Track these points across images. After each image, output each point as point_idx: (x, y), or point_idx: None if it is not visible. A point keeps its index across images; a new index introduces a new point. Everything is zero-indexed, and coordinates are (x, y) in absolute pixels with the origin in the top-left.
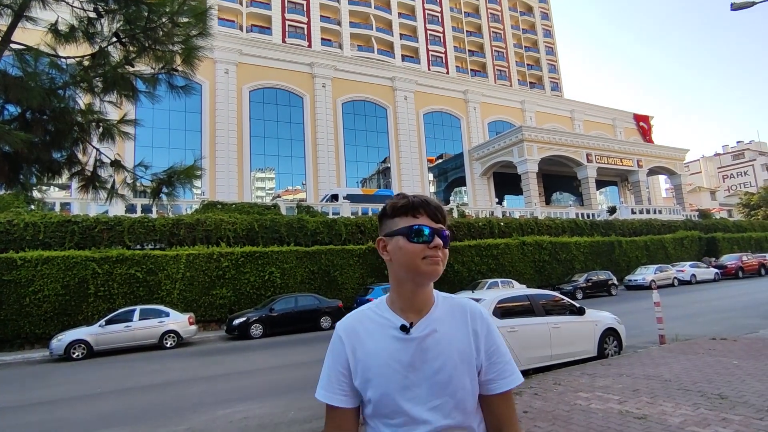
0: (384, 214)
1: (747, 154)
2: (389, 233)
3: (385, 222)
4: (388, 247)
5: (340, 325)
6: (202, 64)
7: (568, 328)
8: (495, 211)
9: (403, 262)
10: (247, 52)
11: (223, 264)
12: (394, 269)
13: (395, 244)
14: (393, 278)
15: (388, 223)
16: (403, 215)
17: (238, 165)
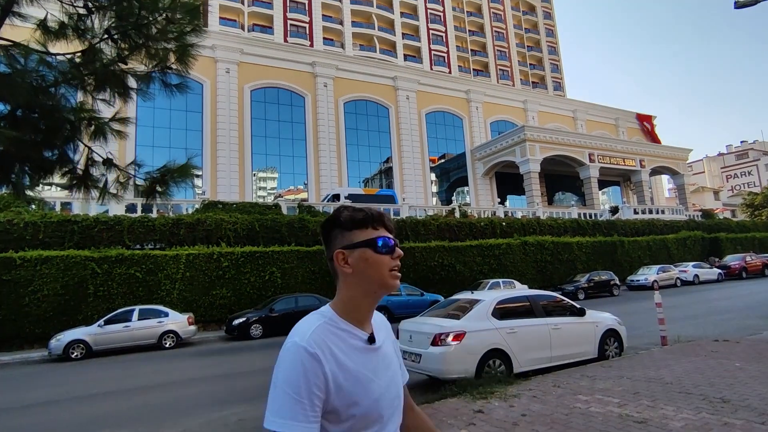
0: (337, 225)
1: (751, 154)
2: (350, 245)
3: (339, 234)
4: (350, 260)
5: (310, 341)
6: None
7: (569, 330)
8: (497, 211)
9: (370, 274)
10: (249, 51)
11: (224, 264)
12: (355, 281)
13: (359, 256)
14: (353, 290)
15: (346, 235)
16: (363, 228)
17: (240, 164)
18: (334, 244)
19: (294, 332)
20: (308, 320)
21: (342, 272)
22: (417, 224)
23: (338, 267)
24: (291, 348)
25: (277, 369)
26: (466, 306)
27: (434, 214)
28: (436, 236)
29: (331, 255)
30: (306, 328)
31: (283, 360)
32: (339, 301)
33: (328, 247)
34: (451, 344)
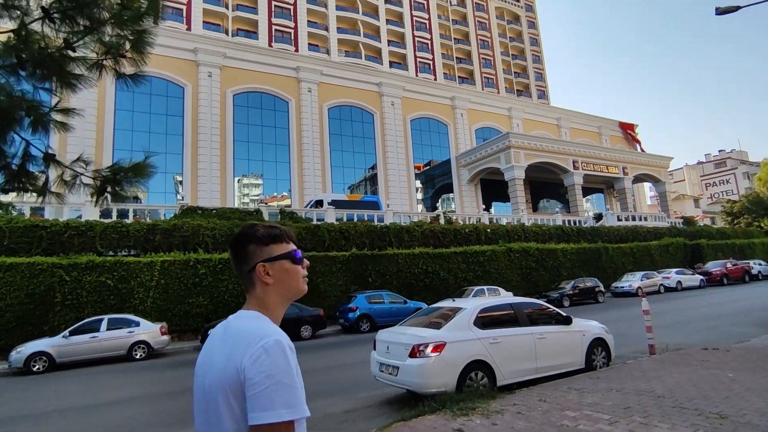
0: (253, 241)
1: (729, 163)
2: (271, 258)
3: (257, 249)
4: (270, 271)
5: (287, 341)
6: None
7: (555, 339)
8: (482, 217)
9: (289, 283)
10: (231, 55)
11: (200, 271)
12: (274, 290)
13: (280, 268)
14: (274, 298)
15: (264, 250)
16: (279, 242)
17: (221, 170)
18: (252, 257)
19: (267, 332)
20: (266, 323)
21: (262, 283)
22: (401, 231)
23: (260, 278)
24: (276, 345)
25: (269, 366)
26: (447, 315)
27: (419, 220)
28: (420, 243)
29: (250, 267)
30: (273, 328)
31: (272, 356)
32: (265, 308)
33: (243, 261)
34: (431, 356)
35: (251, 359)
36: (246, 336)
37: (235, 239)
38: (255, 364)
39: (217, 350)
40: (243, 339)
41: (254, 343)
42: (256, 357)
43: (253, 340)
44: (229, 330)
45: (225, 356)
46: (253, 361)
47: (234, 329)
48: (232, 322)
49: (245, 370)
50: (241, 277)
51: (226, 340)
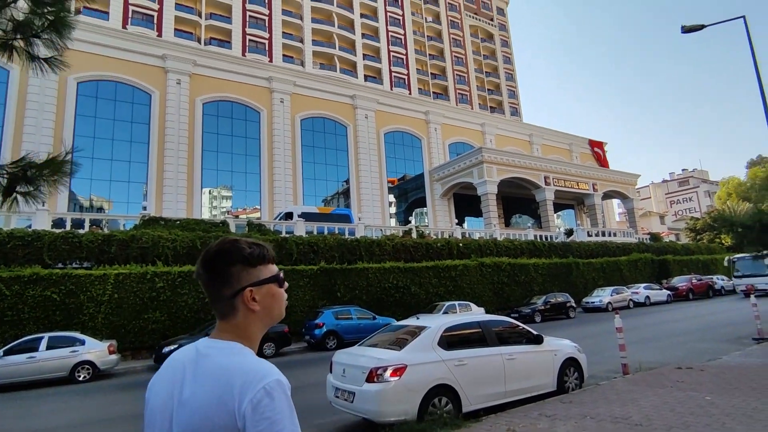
0: (240, 261)
1: (691, 182)
2: (259, 282)
3: (243, 271)
4: (258, 297)
5: (286, 381)
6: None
7: (525, 360)
8: (455, 232)
9: (275, 309)
10: (202, 63)
11: (158, 285)
12: (258, 318)
13: (267, 292)
14: (256, 327)
15: (252, 272)
16: (265, 264)
17: (188, 180)
18: (238, 280)
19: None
20: (256, 358)
21: (248, 309)
22: (371, 244)
23: (246, 304)
24: (278, 387)
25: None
26: (409, 334)
27: (391, 234)
28: (391, 257)
29: (234, 292)
30: (269, 365)
31: (276, 400)
32: (245, 338)
33: (225, 284)
34: (390, 380)
35: (252, 404)
36: (240, 374)
37: (213, 257)
38: (257, 409)
39: (192, 388)
40: (237, 377)
41: (253, 384)
42: (257, 401)
43: (251, 380)
44: (210, 365)
45: (213, 396)
46: (254, 406)
47: (218, 364)
48: (210, 353)
49: (246, 417)
50: (217, 302)
51: (206, 376)
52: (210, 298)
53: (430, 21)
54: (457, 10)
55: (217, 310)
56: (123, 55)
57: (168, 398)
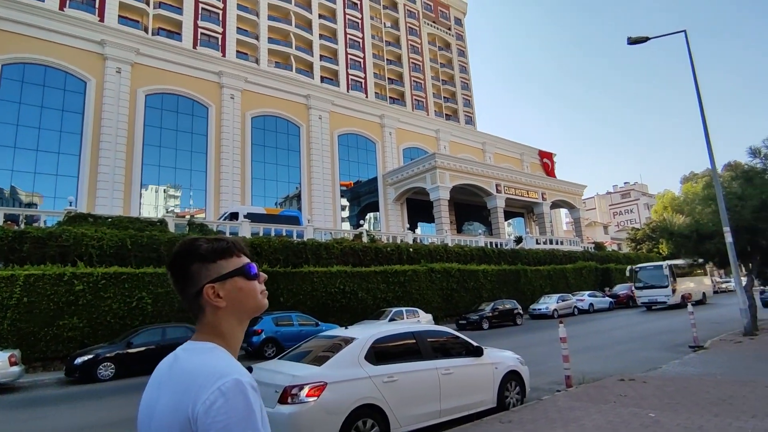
0: (197, 259)
1: (632, 194)
2: (221, 277)
3: (202, 268)
4: (221, 293)
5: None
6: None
7: (463, 374)
8: (406, 237)
9: (246, 302)
10: (146, 52)
11: (77, 287)
12: (228, 313)
13: (232, 286)
14: (228, 322)
15: (211, 268)
16: (228, 257)
17: (126, 175)
18: (197, 279)
19: (223, 371)
20: (222, 357)
21: (213, 307)
22: (319, 247)
23: (209, 302)
24: (235, 387)
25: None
26: (334, 347)
27: (341, 237)
28: (339, 261)
29: (197, 291)
30: (232, 363)
31: (231, 402)
32: (218, 336)
33: (187, 284)
34: (307, 401)
35: (205, 406)
36: (198, 375)
37: (173, 258)
38: (209, 411)
39: (162, 394)
40: (195, 380)
41: (209, 385)
42: (210, 403)
43: (207, 381)
44: (177, 367)
45: (172, 401)
46: (206, 409)
47: (183, 367)
48: (181, 356)
49: (198, 420)
50: (186, 303)
51: (172, 380)
52: (181, 300)
53: (389, 26)
54: (416, 18)
55: (190, 311)
56: (57, 38)
57: (147, 404)
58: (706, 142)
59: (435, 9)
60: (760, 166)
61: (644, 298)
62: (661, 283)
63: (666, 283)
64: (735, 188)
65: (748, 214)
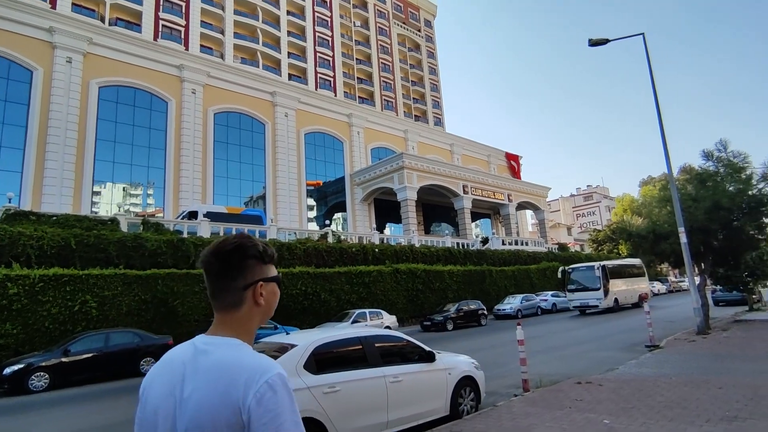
0: (255, 257)
1: (594, 197)
2: (268, 278)
3: (257, 266)
4: (264, 292)
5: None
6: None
7: (413, 381)
8: (372, 237)
9: (272, 306)
10: (100, 42)
11: (10, 291)
12: (260, 313)
13: (271, 290)
14: (255, 321)
15: (264, 269)
16: (274, 263)
17: (77, 172)
18: (252, 273)
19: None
20: (255, 353)
21: (254, 303)
22: (281, 247)
23: (254, 298)
24: (280, 381)
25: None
26: (273, 355)
27: (305, 238)
28: (302, 261)
29: (247, 284)
30: (269, 360)
31: (279, 394)
32: (245, 333)
33: (239, 276)
34: None
35: (256, 398)
36: (240, 369)
37: (232, 250)
38: (261, 403)
39: (193, 386)
40: (239, 372)
41: (256, 378)
42: (261, 395)
43: (254, 375)
44: (210, 361)
45: (216, 393)
46: (258, 400)
47: (217, 360)
48: (208, 350)
49: (250, 410)
50: (225, 293)
51: (207, 374)
52: (216, 289)
53: (359, 26)
54: (386, 18)
55: (222, 301)
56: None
57: (168, 396)
58: (663, 144)
59: (405, 10)
60: (712, 169)
61: (576, 301)
62: (593, 285)
63: (598, 285)
64: (689, 190)
65: (701, 214)
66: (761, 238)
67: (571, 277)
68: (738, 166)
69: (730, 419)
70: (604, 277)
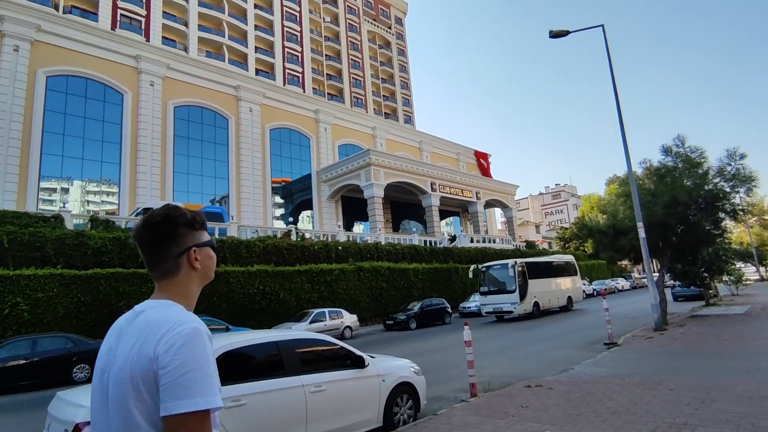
0: (184, 224)
1: (562, 195)
2: (200, 244)
3: (188, 233)
4: (199, 257)
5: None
6: None
7: (340, 390)
8: (338, 235)
9: (210, 270)
10: (50, 29)
11: None
12: (196, 276)
13: (206, 254)
14: (193, 284)
15: (195, 235)
16: (204, 229)
17: (22, 167)
18: (184, 240)
19: (184, 319)
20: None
21: (190, 268)
22: (239, 245)
23: (189, 263)
24: (193, 332)
25: (186, 354)
26: None
27: (267, 235)
28: (261, 260)
29: (180, 252)
30: (190, 315)
31: (189, 344)
32: (181, 296)
33: (172, 243)
34: None
35: (165, 346)
36: (160, 324)
37: (162, 218)
38: (169, 351)
39: (123, 342)
40: (157, 327)
41: (170, 330)
42: (170, 344)
43: (169, 327)
44: (139, 320)
45: (135, 347)
46: (166, 349)
47: (145, 319)
48: (142, 312)
49: (158, 358)
50: (161, 262)
51: (134, 331)
52: (151, 260)
53: (328, 21)
54: (356, 14)
55: (160, 270)
56: None
57: (107, 354)
58: (622, 135)
59: (375, 7)
60: (671, 164)
61: (489, 306)
62: (507, 287)
63: (513, 286)
64: (648, 185)
65: (660, 210)
66: (717, 234)
67: (485, 277)
68: (695, 161)
69: (680, 426)
70: (521, 277)
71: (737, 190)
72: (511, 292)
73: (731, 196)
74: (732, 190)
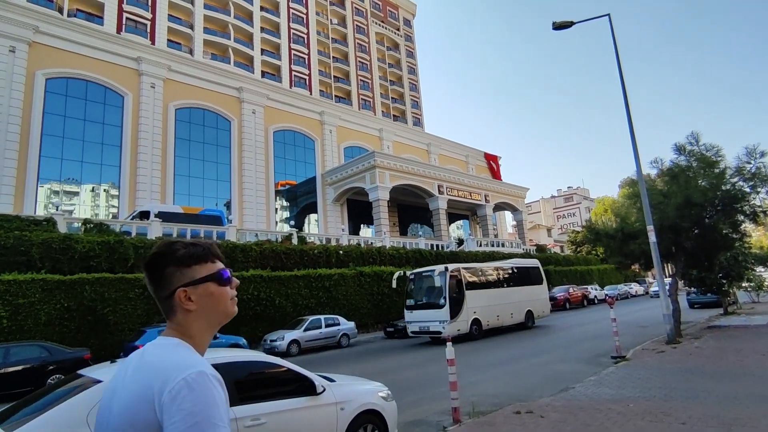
0: (172, 263)
1: (575, 198)
2: (193, 282)
3: (177, 272)
4: (193, 297)
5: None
6: None
7: (286, 422)
8: (341, 239)
9: (216, 308)
10: (48, 31)
11: None
12: (199, 316)
13: (204, 291)
14: (198, 324)
15: (185, 272)
16: (203, 262)
17: (19, 169)
18: (171, 282)
19: (189, 363)
20: (188, 352)
21: (184, 310)
22: (234, 249)
23: (180, 305)
24: (200, 378)
25: (192, 403)
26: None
27: (266, 239)
28: (258, 264)
29: (169, 293)
30: (197, 358)
31: (195, 392)
32: (188, 336)
33: (161, 286)
34: None
35: (170, 395)
36: (164, 368)
37: (149, 260)
38: (175, 400)
39: (127, 383)
40: (161, 371)
41: (174, 376)
42: (176, 393)
43: (173, 372)
44: (145, 360)
45: (137, 391)
46: (172, 398)
47: (149, 360)
48: (149, 350)
49: (163, 408)
50: (159, 303)
51: (138, 372)
52: (155, 300)
53: (336, 23)
54: (364, 16)
55: (162, 310)
56: None
57: (111, 397)
58: (630, 132)
59: (383, 8)
60: (684, 163)
61: (414, 324)
62: (436, 301)
63: (442, 300)
64: (659, 185)
65: (672, 211)
66: (735, 237)
67: (414, 287)
68: (710, 160)
69: None
70: (454, 288)
71: (758, 191)
72: (440, 307)
73: (751, 196)
74: (752, 191)
